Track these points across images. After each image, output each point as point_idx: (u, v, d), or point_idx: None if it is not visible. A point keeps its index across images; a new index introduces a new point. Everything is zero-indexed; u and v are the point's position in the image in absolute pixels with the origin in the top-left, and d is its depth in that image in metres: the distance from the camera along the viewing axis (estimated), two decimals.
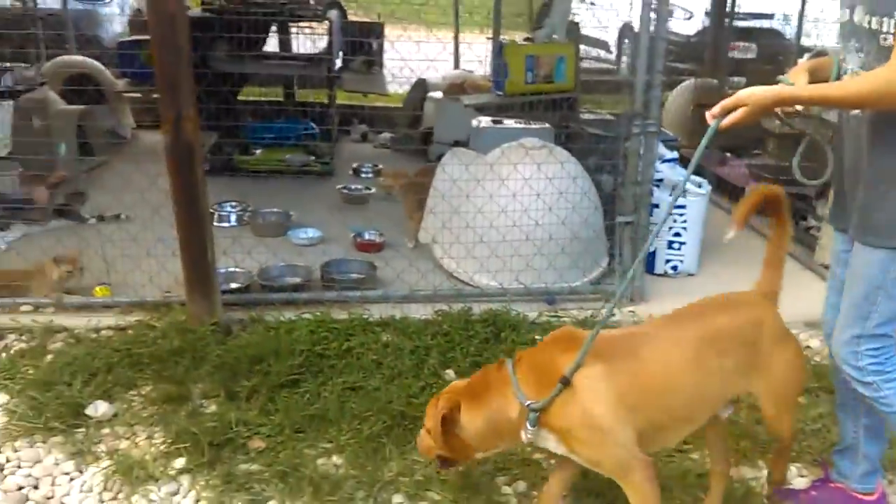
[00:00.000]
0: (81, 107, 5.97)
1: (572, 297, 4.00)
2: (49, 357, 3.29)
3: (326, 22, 6.58)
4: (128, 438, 2.84)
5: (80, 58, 6.96)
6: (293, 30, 7.29)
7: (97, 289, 3.84)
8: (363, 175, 6.44)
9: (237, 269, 4.04)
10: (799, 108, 2.11)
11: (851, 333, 2.22)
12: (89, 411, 2.91)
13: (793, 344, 2.36)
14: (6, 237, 4.58)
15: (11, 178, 5.27)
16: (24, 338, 3.50)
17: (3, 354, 3.35)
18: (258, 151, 6.54)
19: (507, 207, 3.94)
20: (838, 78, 2.17)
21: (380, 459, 2.73)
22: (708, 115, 2.07)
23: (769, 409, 2.33)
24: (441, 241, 4.22)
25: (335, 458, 2.75)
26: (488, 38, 7.68)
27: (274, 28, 7.01)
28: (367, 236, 4.72)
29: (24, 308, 3.69)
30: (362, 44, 7.24)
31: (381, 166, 6.51)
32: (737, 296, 2.40)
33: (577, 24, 6.04)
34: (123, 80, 7.07)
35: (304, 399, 3.00)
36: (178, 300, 3.69)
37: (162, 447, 2.76)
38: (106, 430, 2.86)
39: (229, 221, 5.11)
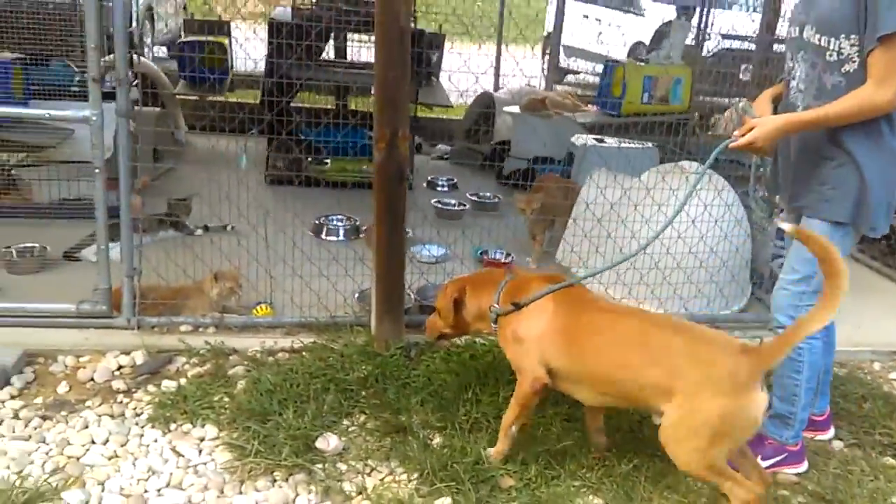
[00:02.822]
0: (157, 109, 5.69)
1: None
2: (241, 383, 3.08)
3: None
4: (369, 475, 2.67)
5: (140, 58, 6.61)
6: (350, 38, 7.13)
7: (258, 308, 3.63)
8: (439, 188, 6.31)
9: None
10: None
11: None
12: (320, 444, 2.73)
13: (727, 402, 2.26)
14: (116, 248, 4.29)
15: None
16: (194, 360, 3.28)
17: (183, 380, 3.13)
18: (328, 162, 6.34)
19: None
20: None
21: (640, 501, 2.63)
22: (736, 132, 2.60)
23: (663, 433, 2.37)
24: (591, 264, 4.11)
25: (593, 499, 2.64)
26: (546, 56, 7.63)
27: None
28: (493, 255, 4.60)
29: (183, 328, 3.47)
30: (422, 55, 7.08)
31: (455, 180, 6.41)
32: (710, 333, 2.50)
33: (696, 47, 6.05)
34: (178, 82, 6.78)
35: (537, 431, 2.88)
36: (350, 321, 3.54)
37: (412, 484, 2.61)
38: (342, 466, 2.68)
39: (337, 235, 4.93)
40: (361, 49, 7.35)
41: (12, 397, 2.97)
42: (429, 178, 6.40)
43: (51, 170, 4.84)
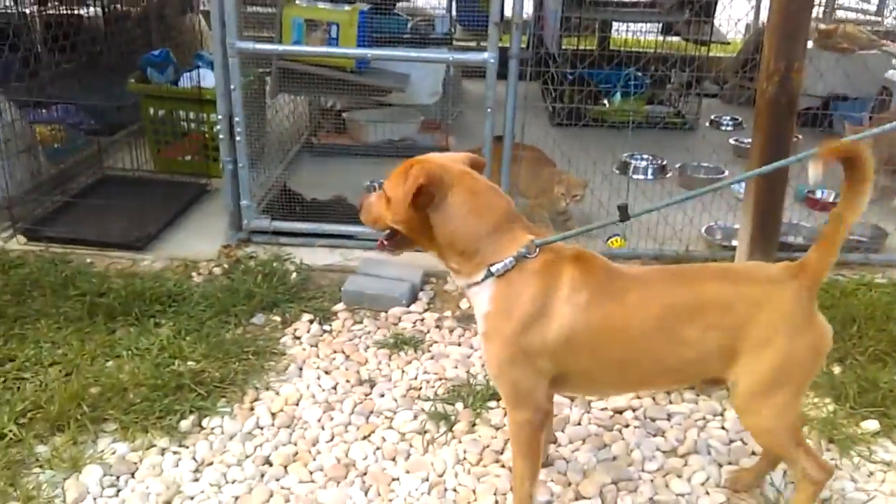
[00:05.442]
0: None
1: None
2: None
3: None
4: None
5: None
6: None
7: (612, 240, 3.85)
8: (723, 128, 6.24)
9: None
10: None
11: None
12: None
13: (807, 335, 1.95)
14: None
15: (414, 126, 5.43)
16: None
17: None
18: (606, 103, 6.43)
19: None
20: None
21: None
22: None
23: (741, 401, 2.01)
24: None
25: None
26: None
27: None
28: (819, 194, 4.53)
29: None
30: None
31: (740, 119, 6.30)
32: (748, 267, 2.23)
33: None
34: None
35: None
36: (705, 255, 3.68)
37: (829, 408, 2.72)
38: None
39: (645, 174, 5.05)
40: None
41: (425, 310, 3.39)
42: (711, 116, 6.33)
43: (376, 113, 5.34)
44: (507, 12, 3.52)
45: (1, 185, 3.94)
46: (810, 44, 6.33)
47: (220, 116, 3.70)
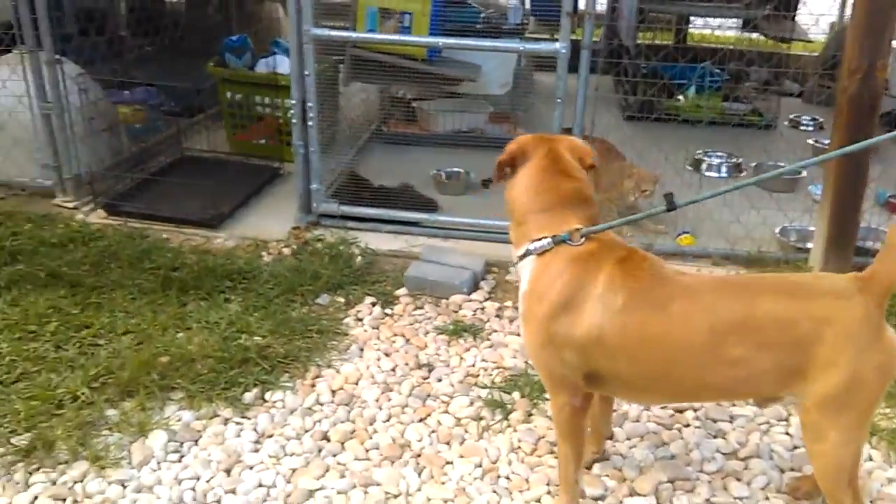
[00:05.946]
0: None
1: None
2: None
3: None
4: None
5: None
6: None
7: (682, 237, 3.78)
8: (802, 128, 6.03)
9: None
10: None
11: None
12: None
13: (876, 355, 1.80)
14: None
15: (483, 117, 5.42)
16: None
17: None
18: (681, 99, 6.28)
19: None
20: None
21: None
22: None
23: (808, 422, 1.88)
24: None
25: None
26: None
27: None
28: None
29: None
30: None
31: (821, 119, 6.09)
32: (812, 280, 2.09)
33: None
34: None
35: None
36: (778, 256, 3.58)
37: None
38: None
39: (719, 172, 4.94)
40: None
41: (485, 299, 3.39)
42: (791, 116, 6.14)
43: (446, 103, 5.35)
44: (582, 4, 3.49)
45: (84, 162, 4.11)
46: None
47: (293, 101, 3.77)
